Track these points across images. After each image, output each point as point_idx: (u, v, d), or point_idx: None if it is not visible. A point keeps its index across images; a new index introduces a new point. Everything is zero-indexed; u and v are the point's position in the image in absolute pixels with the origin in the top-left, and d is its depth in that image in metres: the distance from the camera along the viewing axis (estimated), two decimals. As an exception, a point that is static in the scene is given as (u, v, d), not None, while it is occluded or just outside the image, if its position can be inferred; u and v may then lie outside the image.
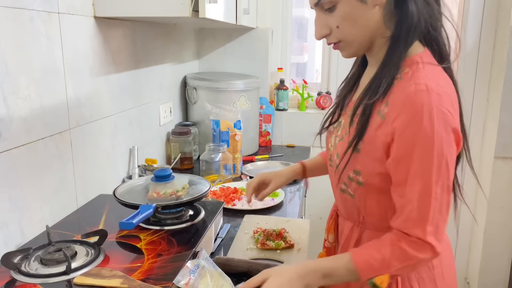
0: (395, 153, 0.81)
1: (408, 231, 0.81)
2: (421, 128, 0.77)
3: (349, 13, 0.84)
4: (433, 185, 0.79)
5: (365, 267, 0.82)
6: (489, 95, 2.27)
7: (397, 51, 0.84)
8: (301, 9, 4.61)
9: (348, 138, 0.90)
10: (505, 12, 2.11)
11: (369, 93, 0.86)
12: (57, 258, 0.87)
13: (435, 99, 0.78)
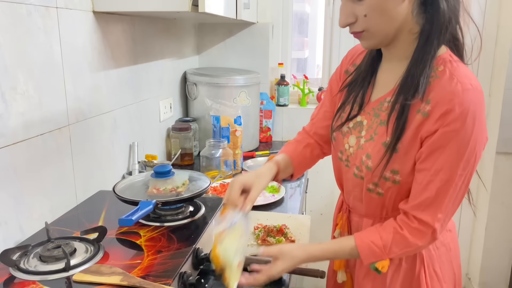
0: (431, 143, 0.84)
1: (418, 215, 0.86)
2: (464, 125, 0.81)
3: (379, 3, 0.83)
4: (456, 177, 0.84)
5: (367, 253, 0.89)
6: (491, 90, 2.25)
7: (429, 48, 0.85)
8: (301, 4, 4.58)
9: (381, 138, 0.91)
10: (507, 7, 2.09)
11: (405, 92, 0.87)
12: (56, 255, 0.87)
13: (480, 99, 0.84)
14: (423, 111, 0.85)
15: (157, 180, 1.13)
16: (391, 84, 0.93)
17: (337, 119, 1.04)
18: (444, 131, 0.83)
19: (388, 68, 0.96)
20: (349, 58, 1.09)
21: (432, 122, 0.84)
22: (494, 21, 2.18)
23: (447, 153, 0.83)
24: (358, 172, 0.97)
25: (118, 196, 1.08)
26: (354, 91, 1.01)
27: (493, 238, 2.29)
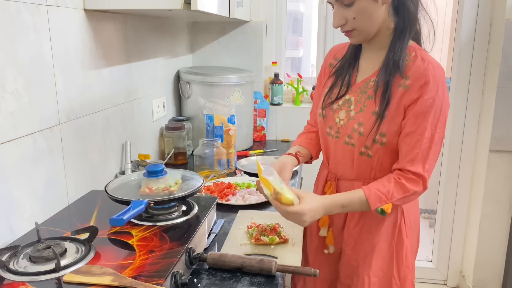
0: (415, 110, 1.07)
1: (411, 168, 1.08)
2: (438, 93, 1.07)
3: (365, 8, 1.06)
4: (436, 134, 1.08)
5: (374, 198, 1.08)
6: (484, 88, 2.26)
7: (403, 40, 1.10)
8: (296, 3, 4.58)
9: (370, 109, 1.13)
10: (500, 5, 2.10)
11: (388, 72, 1.10)
12: (46, 255, 0.86)
13: (444, 75, 1.10)
14: (404, 85, 1.09)
15: (149, 180, 1.12)
16: (373, 68, 1.17)
17: (327, 99, 1.24)
18: (424, 99, 1.06)
19: (369, 57, 1.19)
20: (331, 54, 1.32)
21: (414, 92, 1.08)
22: (486, 19, 2.19)
23: (428, 116, 1.07)
24: (349, 139, 1.19)
25: (110, 196, 1.07)
26: (341, 75, 1.23)
27: (487, 236, 2.30)
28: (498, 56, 2.11)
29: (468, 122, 2.33)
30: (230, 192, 1.50)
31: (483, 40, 2.22)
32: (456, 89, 2.32)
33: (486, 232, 2.30)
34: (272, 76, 2.39)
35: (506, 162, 2.19)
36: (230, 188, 1.54)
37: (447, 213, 2.48)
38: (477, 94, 2.29)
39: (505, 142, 2.16)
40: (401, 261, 1.23)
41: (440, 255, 2.56)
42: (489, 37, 2.21)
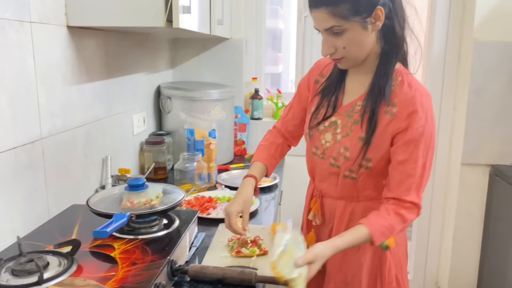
0: (407, 139, 1.07)
1: (407, 198, 1.08)
2: (427, 121, 1.07)
3: (354, 37, 1.05)
4: (427, 162, 1.09)
5: (378, 235, 1.06)
6: (455, 104, 2.36)
7: (389, 65, 1.10)
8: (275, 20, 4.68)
9: (357, 134, 1.13)
10: (468, 26, 2.21)
11: (374, 99, 1.10)
12: (29, 269, 0.86)
13: (431, 101, 1.10)
14: (391, 112, 1.09)
15: (130, 193, 1.13)
16: (359, 91, 1.16)
17: (314, 120, 1.23)
18: (414, 128, 1.07)
19: (355, 79, 1.18)
20: (317, 70, 1.29)
21: (401, 121, 1.08)
22: (456, 39, 2.30)
23: (419, 145, 1.07)
24: (335, 162, 1.19)
25: (91, 209, 1.08)
26: (327, 96, 1.22)
27: (461, 247, 2.37)
28: (467, 74, 2.21)
29: (441, 136, 2.42)
30: (210, 206, 1.53)
31: (453, 58, 2.32)
32: (429, 105, 2.41)
33: (460, 243, 2.37)
34: (252, 91, 2.44)
35: (477, 175, 2.28)
36: (210, 202, 1.56)
37: (422, 226, 2.55)
38: (449, 110, 2.38)
39: (476, 155, 2.25)
40: (384, 277, 1.21)
41: (416, 267, 2.62)
42: (459, 55, 2.31)
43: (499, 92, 2.18)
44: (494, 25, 2.13)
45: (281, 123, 1.37)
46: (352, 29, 1.03)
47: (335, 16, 1.02)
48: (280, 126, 1.37)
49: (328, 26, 1.04)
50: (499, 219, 2.19)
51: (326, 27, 1.05)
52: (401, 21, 1.08)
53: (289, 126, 1.35)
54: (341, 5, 1.01)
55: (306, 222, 1.34)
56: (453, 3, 2.27)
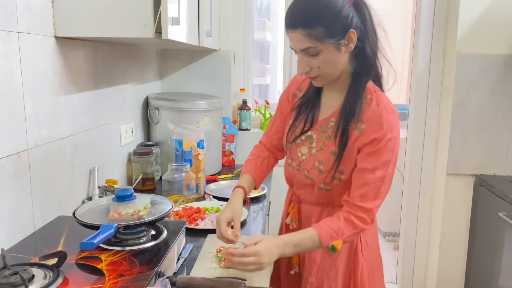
0: (369, 150, 1.14)
1: (361, 204, 1.13)
2: (392, 137, 1.13)
3: (329, 58, 1.11)
4: (387, 174, 1.14)
5: (325, 236, 1.11)
6: (440, 115, 2.40)
7: (361, 84, 1.16)
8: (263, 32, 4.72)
9: (330, 149, 1.20)
10: (451, 39, 2.26)
11: (346, 117, 1.17)
12: (13, 281, 0.85)
13: (397, 119, 1.16)
14: (359, 128, 1.16)
15: (118, 204, 1.13)
16: (333, 108, 1.23)
17: (291, 134, 1.29)
18: (377, 141, 1.13)
19: (330, 95, 1.25)
20: (295, 84, 1.35)
21: (367, 136, 1.14)
22: (440, 52, 2.35)
23: (380, 157, 1.13)
24: (308, 174, 1.25)
25: (78, 221, 1.07)
26: (304, 112, 1.28)
27: (447, 255, 2.40)
28: (451, 85, 2.25)
29: (426, 147, 2.46)
30: (199, 217, 1.52)
31: (437, 70, 2.37)
32: (415, 116, 2.45)
33: (446, 252, 2.40)
34: (241, 102, 2.45)
35: (461, 184, 2.32)
36: (199, 213, 1.56)
37: (409, 235, 2.57)
38: (433, 121, 2.42)
39: (460, 166, 2.29)
40: (357, 280, 1.26)
41: (404, 276, 2.63)
42: (443, 67, 2.36)
43: (482, 103, 2.23)
44: (476, 38, 2.18)
45: (266, 137, 1.42)
46: (327, 50, 1.09)
47: (310, 37, 1.07)
48: (265, 140, 1.42)
49: (304, 47, 1.09)
50: (484, 228, 2.22)
51: (302, 48, 1.10)
52: (372, 43, 1.14)
53: (274, 140, 1.39)
54: (316, 28, 1.06)
55: (285, 226, 1.40)
56: (437, 17, 2.33)
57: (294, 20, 1.08)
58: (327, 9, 1.06)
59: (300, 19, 1.07)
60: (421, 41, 2.36)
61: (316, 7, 1.06)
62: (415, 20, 2.43)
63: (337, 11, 1.07)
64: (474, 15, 2.17)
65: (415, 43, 2.42)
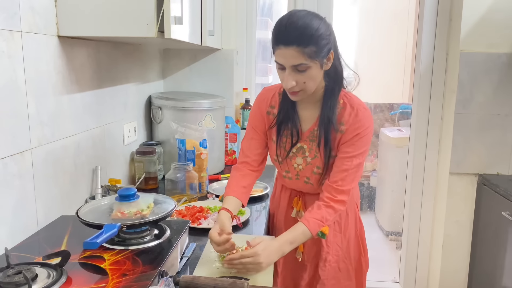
0: (349, 142, 1.32)
1: (342, 187, 1.32)
2: (368, 132, 1.33)
3: (314, 74, 1.23)
4: (362, 162, 1.35)
5: (313, 227, 1.28)
6: (443, 114, 2.39)
7: (334, 97, 1.32)
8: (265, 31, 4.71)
9: (322, 155, 1.36)
10: (455, 37, 2.25)
11: (325, 127, 1.32)
12: (17, 281, 0.85)
13: (370, 115, 1.35)
14: (340, 130, 1.33)
15: (121, 204, 1.13)
16: (312, 118, 1.37)
17: (281, 150, 1.41)
18: (359, 136, 1.31)
19: (306, 107, 1.37)
20: (265, 101, 1.43)
21: (349, 134, 1.32)
22: (443, 50, 2.34)
23: (359, 147, 1.32)
24: (308, 180, 1.43)
25: (81, 220, 1.07)
26: (285, 126, 1.38)
27: (450, 255, 2.39)
28: (454, 84, 2.24)
29: (430, 146, 2.45)
30: (202, 216, 1.52)
31: (441, 69, 2.36)
32: (418, 115, 2.45)
33: (449, 251, 2.39)
34: (243, 102, 2.45)
35: (464, 184, 2.31)
36: (202, 212, 1.55)
37: (412, 234, 2.57)
38: (437, 120, 2.41)
39: (463, 165, 2.28)
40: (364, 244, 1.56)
41: (406, 275, 2.63)
42: (446, 66, 2.35)
43: (485, 102, 2.22)
44: (480, 36, 2.17)
45: (244, 156, 1.46)
46: (314, 67, 1.21)
47: (303, 54, 1.18)
48: (244, 159, 1.45)
49: (297, 63, 1.19)
50: (487, 227, 2.22)
51: (295, 64, 1.19)
52: (338, 60, 1.31)
53: (254, 155, 1.45)
54: (309, 46, 1.17)
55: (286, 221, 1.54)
56: (440, 15, 2.32)
57: (289, 37, 1.17)
58: (318, 32, 1.18)
59: (296, 38, 1.17)
60: (424, 39, 2.35)
61: (310, 28, 1.18)
62: (418, 18, 2.42)
63: (325, 34, 1.20)
64: (478, 14, 2.15)
65: (418, 41, 2.41)
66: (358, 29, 4.46)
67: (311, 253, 1.50)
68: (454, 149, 2.27)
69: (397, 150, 3.48)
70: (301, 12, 1.21)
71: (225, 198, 1.36)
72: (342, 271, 1.50)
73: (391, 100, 4.32)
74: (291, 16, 1.20)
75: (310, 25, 1.18)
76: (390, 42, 4.25)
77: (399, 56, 4.28)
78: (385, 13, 4.30)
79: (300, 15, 1.20)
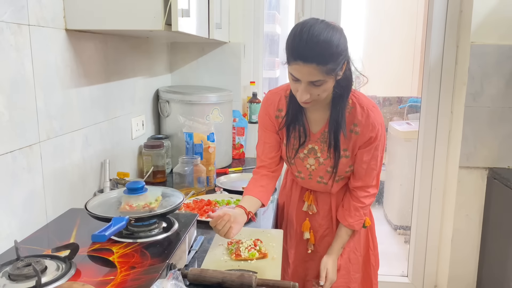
0: (368, 146, 1.36)
1: (369, 190, 1.43)
2: (382, 132, 1.36)
3: (329, 87, 1.23)
4: (381, 161, 1.41)
5: (358, 225, 1.46)
6: (453, 107, 2.36)
7: (342, 102, 1.31)
8: (272, 25, 4.68)
9: (334, 155, 1.37)
10: (465, 29, 2.22)
11: (334, 131, 1.33)
12: (26, 273, 0.85)
13: (381, 113, 1.37)
14: (355, 131, 1.35)
15: (129, 197, 1.13)
16: (322, 121, 1.38)
17: (291, 150, 1.43)
18: (373, 138, 1.35)
19: (315, 110, 1.37)
20: (272, 105, 1.43)
21: (364, 136, 1.34)
22: (453, 43, 2.31)
23: (377, 149, 1.37)
24: (321, 179, 1.46)
25: (90, 213, 1.07)
26: (294, 128, 1.39)
27: (459, 249, 2.37)
28: (464, 77, 2.21)
29: (439, 140, 2.42)
30: (209, 209, 1.52)
31: (451, 62, 2.33)
32: (427, 109, 2.42)
33: (458, 246, 2.37)
34: (250, 95, 2.44)
35: (474, 177, 2.28)
36: (209, 205, 1.55)
37: (421, 228, 2.55)
38: (446, 113, 2.39)
39: (473, 158, 2.26)
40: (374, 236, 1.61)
41: (415, 270, 2.61)
42: (456, 59, 2.32)
43: (496, 95, 2.19)
44: (490, 29, 2.14)
45: (260, 161, 1.49)
46: (330, 81, 1.21)
47: (322, 72, 1.16)
48: (260, 163, 1.49)
49: (315, 79, 1.18)
50: (497, 222, 2.19)
51: (312, 80, 1.18)
52: (349, 66, 1.27)
53: (269, 159, 1.47)
54: (329, 64, 1.15)
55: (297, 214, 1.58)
56: (450, 7, 2.28)
57: (310, 55, 1.14)
58: (338, 48, 1.16)
59: (316, 56, 1.14)
60: (434, 32, 2.32)
61: (331, 45, 1.15)
62: (428, 10, 2.38)
63: (342, 49, 1.18)
64: (488, 6, 2.12)
65: (428, 34, 2.38)
66: (366, 22, 4.42)
67: (323, 244, 1.53)
68: (464, 143, 2.24)
69: (406, 144, 3.45)
70: (321, 25, 1.16)
71: (242, 199, 1.39)
72: (352, 262, 1.53)
73: (399, 94, 4.28)
74: (311, 29, 1.15)
75: (331, 42, 1.15)
76: (399, 35, 4.21)
77: (408, 49, 4.24)
78: (393, 6, 4.25)
79: (320, 29, 1.15)
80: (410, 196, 2.67)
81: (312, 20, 1.19)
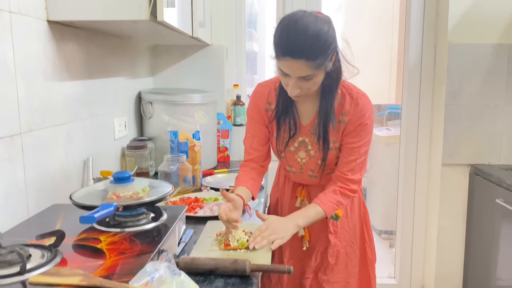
0: (353, 133, 1.33)
1: (352, 177, 1.34)
2: (369, 120, 1.33)
3: (318, 80, 1.22)
4: (367, 150, 1.36)
5: (329, 209, 1.31)
6: (433, 106, 2.41)
7: (331, 94, 1.30)
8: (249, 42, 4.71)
9: (321, 148, 1.34)
10: (442, 30, 2.28)
11: (323, 123, 1.31)
12: (10, 259, 0.81)
13: (370, 101, 1.34)
14: (343, 121, 1.33)
15: (116, 186, 1.10)
16: (312, 113, 1.36)
17: (281, 143, 1.40)
18: (363, 125, 1.32)
19: (304, 101, 1.35)
20: (262, 98, 1.40)
21: (353, 123, 1.32)
22: (431, 43, 2.36)
23: (363, 136, 1.33)
24: (312, 173, 1.43)
25: (75, 203, 1.03)
26: (283, 121, 1.36)
27: (445, 248, 2.39)
28: (444, 76, 2.27)
29: (421, 139, 2.46)
30: (197, 206, 1.49)
31: (429, 62, 2.39)
32: (408, 109, 2.46)
33: (444, 244, 2.38)
34: (234, 98, 2.43)
35: (457, 174, 2.32)
36: (197, 202, 1.52)
37: (406, 229, 2.56)
38: (427, 112, 2.43)
39: (456, 155, 2.29)
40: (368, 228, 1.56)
41: (402, 270, 2.61)
42: (435, 59, 2.37)
43: (475, 93, 2.24)
44: (467, 29, 2.20)
45: (247, 155, 1.45)
46: (320, 74, 1.20)
47: (311, 67, 1.15)
48: (248, 157, 1.45)
49: (304, 74, 1.17)
50: (481, 217, 2.22)
51: (302, 75, 1.17)
52: (339, 56, 1.25)
53: (257, 152, 1.43)
54: (319, 59, 1.14)
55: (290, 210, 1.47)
56: (427, 9, 2.35)
57: (297, 51, 1.12)
58: (326, 42, 1.14)
59: (305, 52, 1.12)
60: (412, 34, 2.38)
61: (320, 39, 1.13)
62: (406, 13, 2.45)
63: (331, 42, 1.16)
64: (464, 6, 2.19)
65: (406, 35, 2.44)
66: (342, 32, 4.51)
67: (318, 240, 1.49)
68: (445, 140, 2.28)
69: (387, 149, 3.49)
70: (309, 18, 1.13)
71: (236, 189, 1.34)
72: (350, 256, 1.50)
73: (378, 102, 4.35)
74: (299, 23, 1.12)
75: (319, 36, 1.12)
76: (376, 44, 4.29)
77: (385, 57, 4.32)
78: (369, 17, 4.34)
79: (308, 22, 1.12)
80: (393, 200, 2.68)
81: (299, 12, 1.16)
